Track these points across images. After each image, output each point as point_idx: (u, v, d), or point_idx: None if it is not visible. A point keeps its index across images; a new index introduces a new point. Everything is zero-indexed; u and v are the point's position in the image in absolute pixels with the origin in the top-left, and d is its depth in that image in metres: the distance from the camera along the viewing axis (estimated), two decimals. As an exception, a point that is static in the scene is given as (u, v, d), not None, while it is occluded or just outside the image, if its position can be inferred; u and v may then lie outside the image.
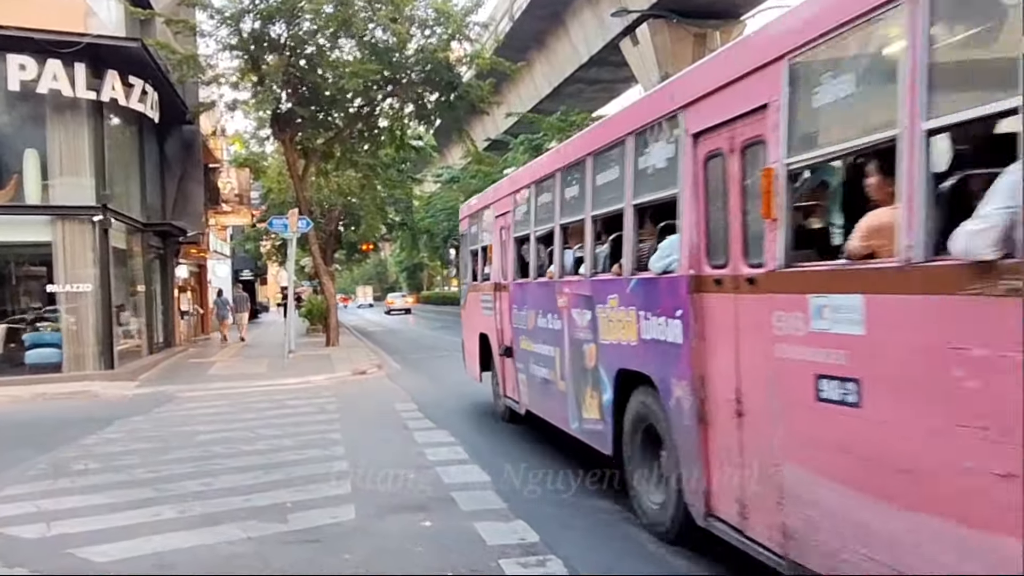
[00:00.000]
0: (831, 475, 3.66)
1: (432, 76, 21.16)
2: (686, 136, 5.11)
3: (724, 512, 4.71)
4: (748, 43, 5.03)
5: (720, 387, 4.71)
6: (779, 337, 4.01)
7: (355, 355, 20.94)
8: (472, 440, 9.34)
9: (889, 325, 3.29)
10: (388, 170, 26.69)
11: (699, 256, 4.97)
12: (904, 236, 3.17)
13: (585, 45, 33.66)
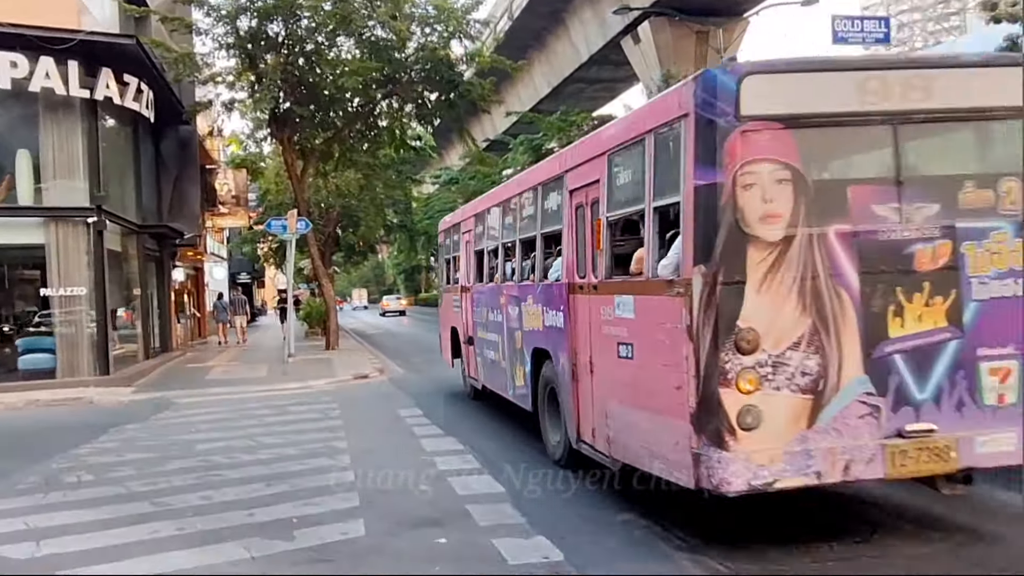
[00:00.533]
0: (623, 401, 6.17)
1: (432, 75, 20.81)
2: (566, 191, 7.54)
3: (585, 436, 7.08)
4: (594, 139, 7.22)
5: (581, 355, 7.04)
6: (604, 321, 6.42)
7: (356, 359, 20.54)
8: (482, 448, 8.94)
9: (642, 312, 5.76)
10: (387, 171, 26.28)
11: (572, 270, 7.36)
12: (646, 264, 5.78)
13: (585, 44, 33.36)
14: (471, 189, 48.14)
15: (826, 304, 4.89)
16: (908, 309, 5.01)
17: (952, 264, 5.05)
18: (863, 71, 5.21)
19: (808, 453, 4.83)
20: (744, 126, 4.83)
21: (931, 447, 4.95)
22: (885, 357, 4.96)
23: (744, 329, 4.78)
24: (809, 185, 4.92)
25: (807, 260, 4.88)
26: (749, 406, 4.76)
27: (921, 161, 5.27)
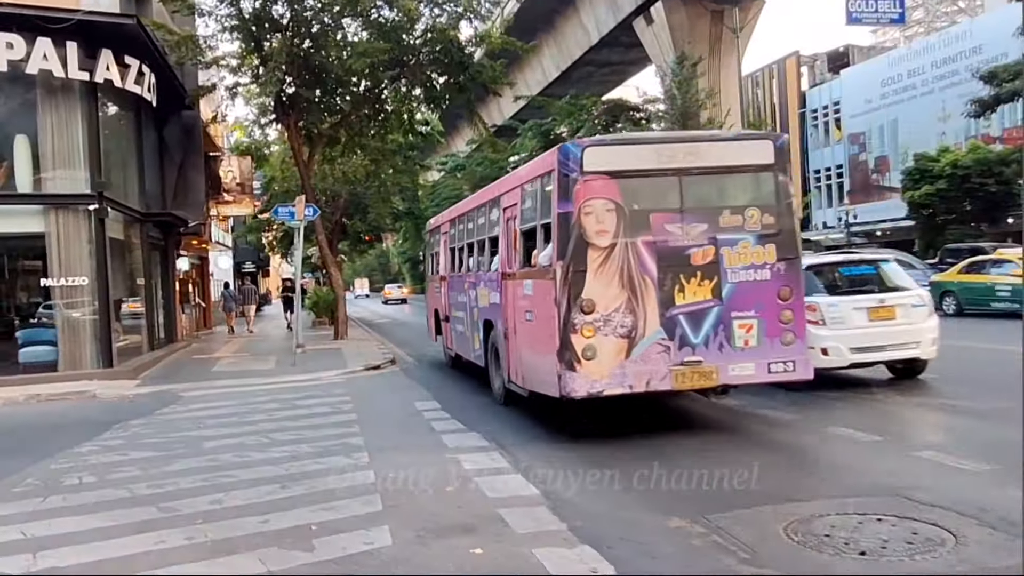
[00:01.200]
0: (528, 349, 9.07)
1: (441, 57, 20.24)
2: (501, 208, 10.68)
3: (512, 378, 9.93)
4: (514, 175, 10.76)
5: (509, 321, 9.91)
6: (519, 297, 9.30)
7: (366, 349, 20.04)
8: (509, 444, 8.42)
9: (535, 290, 8.66)
10: (395, 156, 25.68)
11: (504, 263, 10.34)
12: (541, 258, 8.66)
13: (596, 25, 32.75)
14: (478, 176, 47.51)
15: (636, 285, 7.97)
16: (687, 288, 8.06)
17: (714, 260, 8.10)
18: (659, 144, 8.71)
19: (624, 374, 7.91)
20: (585, 178, 8.01)
21: (701, 371, 8.05)
22: (674, 316, 8.03)
23: (585, 300, 7.87)
24: (626, 213, 8.01)
25: (624, 258, 7.96)
26: (588, 345, 7.85)
27: (695, 198, 8.25)
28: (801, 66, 52.98)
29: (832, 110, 49.89)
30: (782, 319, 8.29)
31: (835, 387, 10.74)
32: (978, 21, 40.07)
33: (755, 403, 9.95)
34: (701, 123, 26.97)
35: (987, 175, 33.13)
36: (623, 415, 9.28)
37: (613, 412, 9.20)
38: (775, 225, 8.32)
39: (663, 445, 8.02)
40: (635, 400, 8.62)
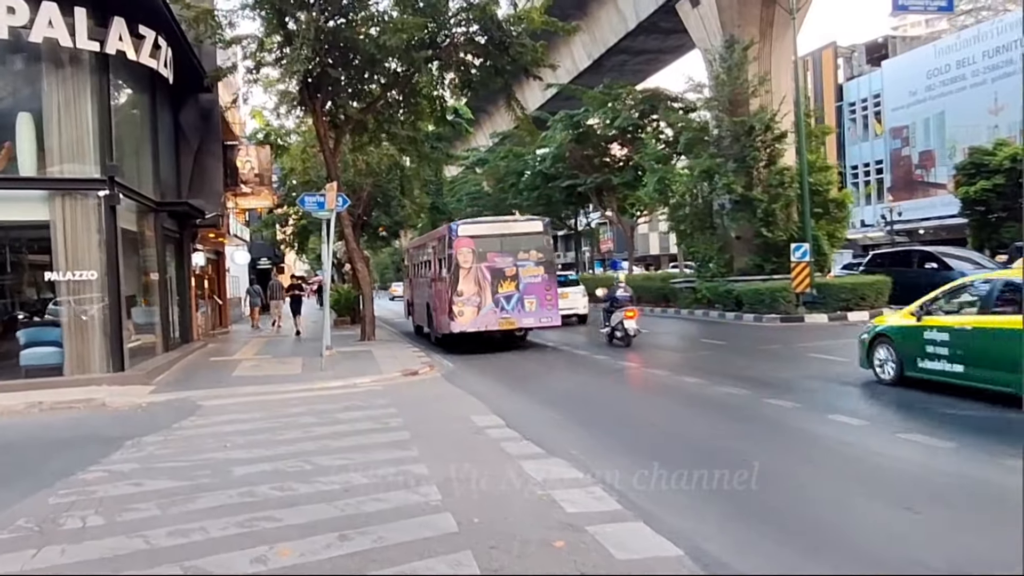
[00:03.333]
0: (439, 314, 19.45)
1: (479, 37, 18.75)
2: (431, 246, 21.29)
3: (436, 329, 20.09)
4: (432, 235, 22.64)
5: (433, 302, 20.20)
6: (437, 291, 19.60)
7: (398, 351, 18.57)
8: (613, 477, 6.88)
9: (442, 287, 19.01)
10: (423, 145, 24.19)
11: (435, 275, 19.92)
12: (441, 272, 19.54)
13: (634, 9, 31.12)
14: (502, 170, 46.08)
15: (481, 284, 17.91)
16: (504, 285, 17.95)
17: (516, 273, 18.07)
18: (492, 224, 19.84)
19: (476, 323, 17.92)
20: (459, 239, 18.05)
21: (510, 321, 18.11)
22: (498, 298, 17.91)
23: (458, 290, 17.83)
24: (477, 253, 17.97)
25: (476, 272, 17.92)
26: (460, 311, 17.83)
27: (508, 246, 18.19)
28: (838, 58, 51.17)
29: (872, 103, 48.03)
30: (547, 298, 18.34)
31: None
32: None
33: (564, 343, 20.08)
34: (751, 111, 25.38)
35: (1049, 169, 31.34)
36: (477, 343, 18.86)
37: (473, 342, 18.81)
38: (543, 258, 18.45)
39: (497, 355, 18.18)
40: (482, 336, 18.63)
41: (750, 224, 25.42)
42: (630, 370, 14.74)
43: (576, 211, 47.83)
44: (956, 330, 9.99)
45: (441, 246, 18.90)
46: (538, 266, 18.10)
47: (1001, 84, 38.35)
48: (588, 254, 66.31)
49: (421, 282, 22.44)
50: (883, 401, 10.30)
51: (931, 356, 10.36)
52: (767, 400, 10.43)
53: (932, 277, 23.42)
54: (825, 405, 10.10)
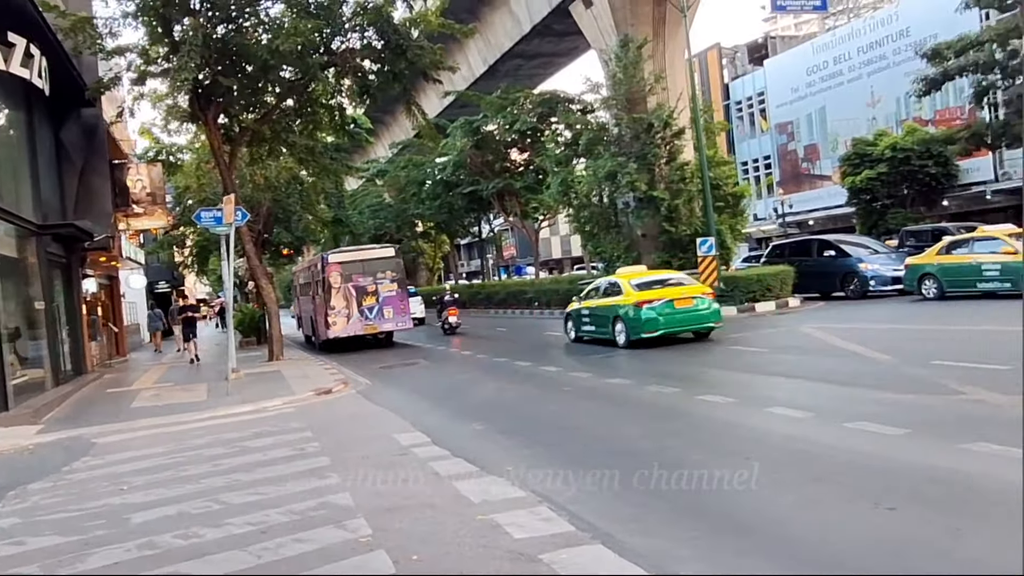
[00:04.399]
0: (320, 324, 23.82)
1: (373, 41, 17.96)
2: (311, 271, 26.72)
3: (318, 337, 24.49)
4: (309, 263, 30.07)
5: (315, 314, 24.76)
6: (316, 305, 24.34)
7: (309, 370, 17.55)
8: (557, 493, 6.23)
9: (319, 302, 23.95)
10: (323, 157, 23.17)
11: (315, 294, 24.81)
12: (319, 292, 24.50)
13: (527, 13, 30.74)
14: (403, 181, 45.07)
15: (349, 299, 22.71)
16: (367, 299, 22.88)
17: (377, 289, 23.01)
18: (357, 252, 25.04)
19: (347, 329, 22.79)
20: (329, 264, 23.08)
21: (373, 327, 23.02)
22: (363, 308, 22.82)
23: (331, 305, 22.72)
24: (344, 275, 22.89)
25: (345, 290, 22.72)
26: (333, 320, 22.70)
27: (369, 269, 23.25)
28: (722, 58, 52.18)
29: (757, 101, 49.15)
30: (402, 307, 23.28)
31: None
32: (904, 3, 39.55)
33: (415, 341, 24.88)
34: (649, 109, 25.25)
35: (926, 156, 32.43)
36: (351, 345, 23.50)
37: (345, 344, 23.38)
38: (396, 276, 23.33)
39: (366, 354, 21.97)
40: (355, 339, 23.31)
41: (655, 221, 25.27)
42: (547, 373, 14.16)
43: (479, 217, 47.21)
44: (593, 309, 18.13)
45: (317, 271, 24.05)
46: (393, 283, 23.14)
47: (876, 78, 39.66)
48: (492, 260, 65.82)
49: (305, 300, 27.17)
50: (565, 349, 18.41)
51: (583, 323, 18.70)
52: (699, 397, 10.00)
53: (831, 264, 23.79)
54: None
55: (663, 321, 15.89)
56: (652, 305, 15.97)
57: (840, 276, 23.05)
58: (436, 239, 53.75)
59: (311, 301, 25.06)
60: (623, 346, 16.42)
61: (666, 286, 16.68)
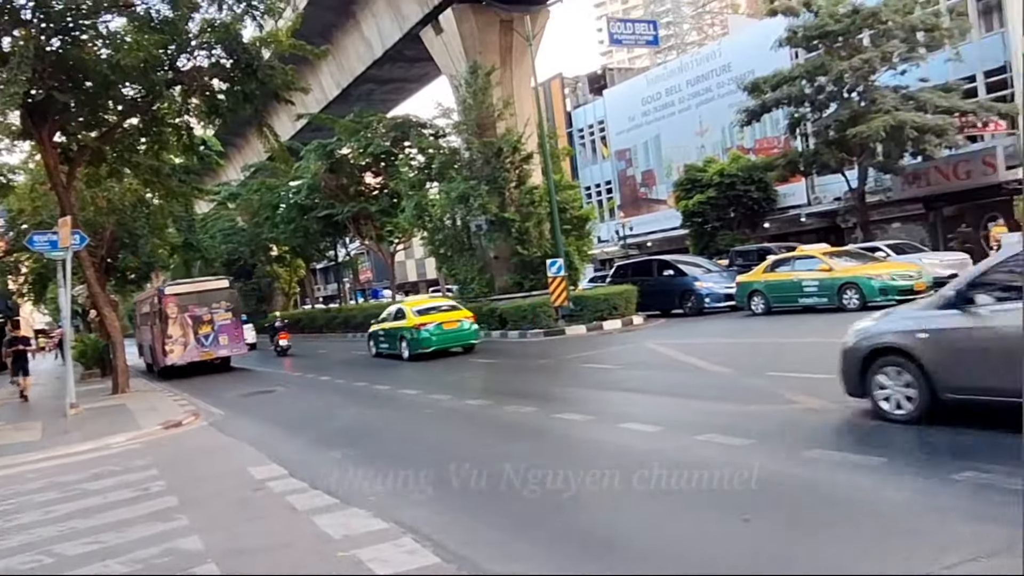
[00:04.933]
0: (158, 351, 23.63)
1: (224, 60, 17.07)
2: (148, 304, 26.30)
3: (158, 363, 24.04)
4: (148, 294, 28.84)
5: (154, 342, 24.32)
6: (156, 333, 23.90)
7: (157, 402, 16.30)
8: (422, 523, 5.85)
9: (157, 330, 23.78)
10: (170, 179, 21.76)
11: (152, 324, 24.50)
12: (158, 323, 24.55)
13: (379, 38, 30.26)
14: (256, 204, 43.31)
15: (185, 327, 23.05)
16: (203, 327, 23.27)
17: (212, 319, 23.41)
18: (191, 283, 25.78)
19: (184, 356, 22.98)
20: (166, 296, 23.36)
21: (208, 353, 23.38)
22: (199, 336, 23.14)
23: (168, 333, 22.94)
24: (180, 306, 23.13)
25: (181, 319, 23.02)
26: (171, 348, 22.92)
27: (204, 299, 23.58)
28: (565, 88, 53.37)
29: (598, 128, 50.44)
30: (236, 334, 23.99)
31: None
32: (725, 41, 41.68)
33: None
34: (499, 134, 25.35)
35: (749, 182, 34.07)
36: (191, 371, 23.32)
37: (185, 371, 23.31)
38: (231, 306, 23.87)
39: (212, 380, 21.17)
40: (195, 365, 23.40)
41: (507, 243, 25.31)
42: (406, 396, 13.72)
43: (335, 241, 45.87)
44: (386, 330, 21.66)
45: (155, 302, 24.03)
46: (227, 312, 23.77)
47: (704, 109, 41.49)
48: (348, 284, 64.34)
49: (145, 329, 26.55)
50: (368, 362, 21.77)
51: (380, 342, 22.14)
52: (556, 415, 9.86)
53: (670, 283, 24.51)
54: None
55: (436, 340, 19.72)
56: (427, 327, 19.79)
57: (679, 294, 23.76)
58: (292, 263, 51.85)
59: (150, 330, 24.86)
60: (407, 359, 20.04)
61: (439, 312, 20.54)
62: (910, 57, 25.26)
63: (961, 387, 6.69)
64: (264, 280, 52.06)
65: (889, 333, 7.35)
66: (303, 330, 41.46)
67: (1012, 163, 26.24)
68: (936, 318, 6.91)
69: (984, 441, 6.37)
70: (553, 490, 6.32)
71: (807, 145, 29.52)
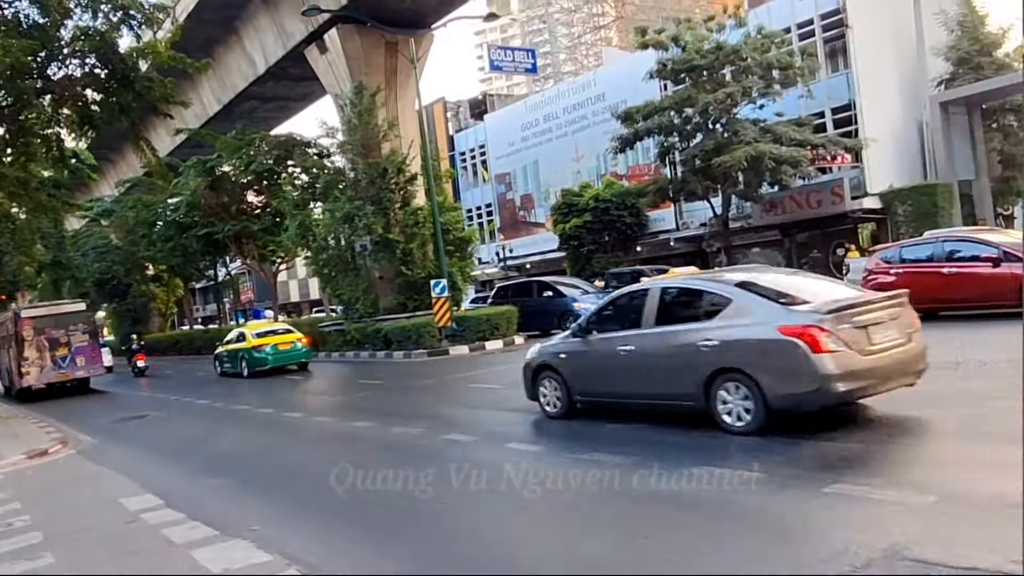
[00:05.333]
0: (15, 375, 22.59)
1: (98, 69, 16.11)
2: (4, 327, 24.34)
3: (14, 386, 23.09)
4: (5, 315, 25.34)
5: (11, 364, 22.99)
6: (11, 356, 22.95)
7: (20, 428, 15.05)
8: (308, 554, 5.53)
9: (13, 353, 22.90)
10: (39, 192, 20.29)
11: (7, 347, 23.54)
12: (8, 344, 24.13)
13: (263, 55, 29.34)
14: (131, 221, 40.94)
15: (42, 350, 22.16)
16: (60, 350, 22.37)
17: (68, 342, 22.50)
18: (48, 306, 25.15)
19: (40, 379, 22.11)
20: (23, 319, 22.45)
21: (65, 375, 22.44)
22: (55, 358, 22.32)
23: (24, 356, 21.86)
24: (37, 329, 22.18)
25: (38, 341, 22.02)
26: (27, 370, 21.88)
27: (61, 322, 22.56)
28: (447, 112, 53.41)
29: (479, 152, 50.63)
30: (94, 356, 23.16)
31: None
32: (600, 71, 42.77)
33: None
34: (384, 155, 24.97)
35: (623, 207, 34.87)
36: (51, 394, 22.37)
37: (46, 395, 22.26)
38: (88, 328, 23.32)
39: (69, 403, 20.50)
40: (52, 389, 22.44)
41: (391, 264, 24.90)
42: (289, 419, 13.19)
43: (215, 260, 43.76)
44: (229, 351, 23.19)
45: (11, 325, 23.07)
46: (84, 334, 23.18)
47: (580, 136, 42.27)
48: (229, 304, 61.82)
49: (2, 352, 24.99)
50: (216, 380, 22.94)
51: (224, 362, 23.42)
52: (443, 436, 9.65)
53: (549, 303, 24.71)
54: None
55: (271, 359, 21.71)
56: (264, 348, 21.82)
57: (558, 315, 23.86)
58: (169, 283, 49.15)
59: (7, 353, 23.87)
60: (246, 376, 21.74)
61: (276, 335, 22.80)
62: (767, 92, 26.59)
63: (584, 392, 9.19)
64: (140, 300, 49.13)
65: (547, 354, 9.76)
66: (180, 351, 39.81)
67: (856, 194, 27.99)
68: (569, 343, 9.45)
69: (607, 432, 8.55)
70: (447, 519, 6.12)
71: (676, 173, 30.44)
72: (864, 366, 6.85)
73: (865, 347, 6.91)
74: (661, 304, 8.33)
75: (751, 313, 7.41)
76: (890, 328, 7.17)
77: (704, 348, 7.52)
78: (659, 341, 8.07)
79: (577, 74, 54.44)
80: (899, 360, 7.14)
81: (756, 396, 7.09)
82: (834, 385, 6.74)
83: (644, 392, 8.35)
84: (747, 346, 7.27)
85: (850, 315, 6.96)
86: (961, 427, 6.97)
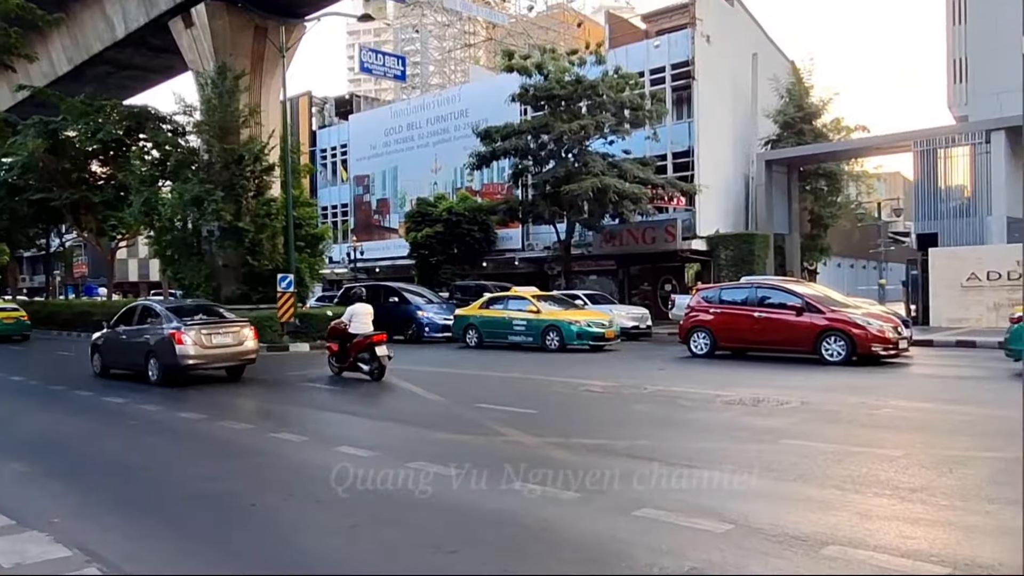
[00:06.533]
0: None
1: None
2: None
3: None
4: None
5: None
6: None
7: None
8: (115, 548, 5.09)
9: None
10: None
11: None
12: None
13: (123, 19, 27.32)
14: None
15: None
16: None
17: None
18: None
19: None
20: None
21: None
22: None
23: None
24: None
25: None
26: None
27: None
28: (312, 106, 51.91)
29: (340, 151, 49.52)
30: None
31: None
32: (465, 87, 42.98)
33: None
34: (242, 141, 23.85)
35: (474, 222, 35.10)
36: None
37: None
38: None
39: None
40: None
41: (238, 253, 23.80)
42: (112, 405, 12.26)
43: (48, 229, 40.10)
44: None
45: None
46: None
47: (440, 148, 42.21)
48: (59, 278, 56.86)
49: None
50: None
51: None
52: (272, 434, 9.25)
53: (395, 309, 24.40)
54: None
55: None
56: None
57: (402, 321, 23.67)
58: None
59: None
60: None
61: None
62: (618, 130, 27.70)
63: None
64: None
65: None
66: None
67: (687, 235, 29.57)
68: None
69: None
70: (262, 517, 5.83)
71: (527, 195, 30.98)
72: None
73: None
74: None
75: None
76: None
77: None
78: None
79: (444, 88, 54.44)
80: None
81: None
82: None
83: None
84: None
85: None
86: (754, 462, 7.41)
